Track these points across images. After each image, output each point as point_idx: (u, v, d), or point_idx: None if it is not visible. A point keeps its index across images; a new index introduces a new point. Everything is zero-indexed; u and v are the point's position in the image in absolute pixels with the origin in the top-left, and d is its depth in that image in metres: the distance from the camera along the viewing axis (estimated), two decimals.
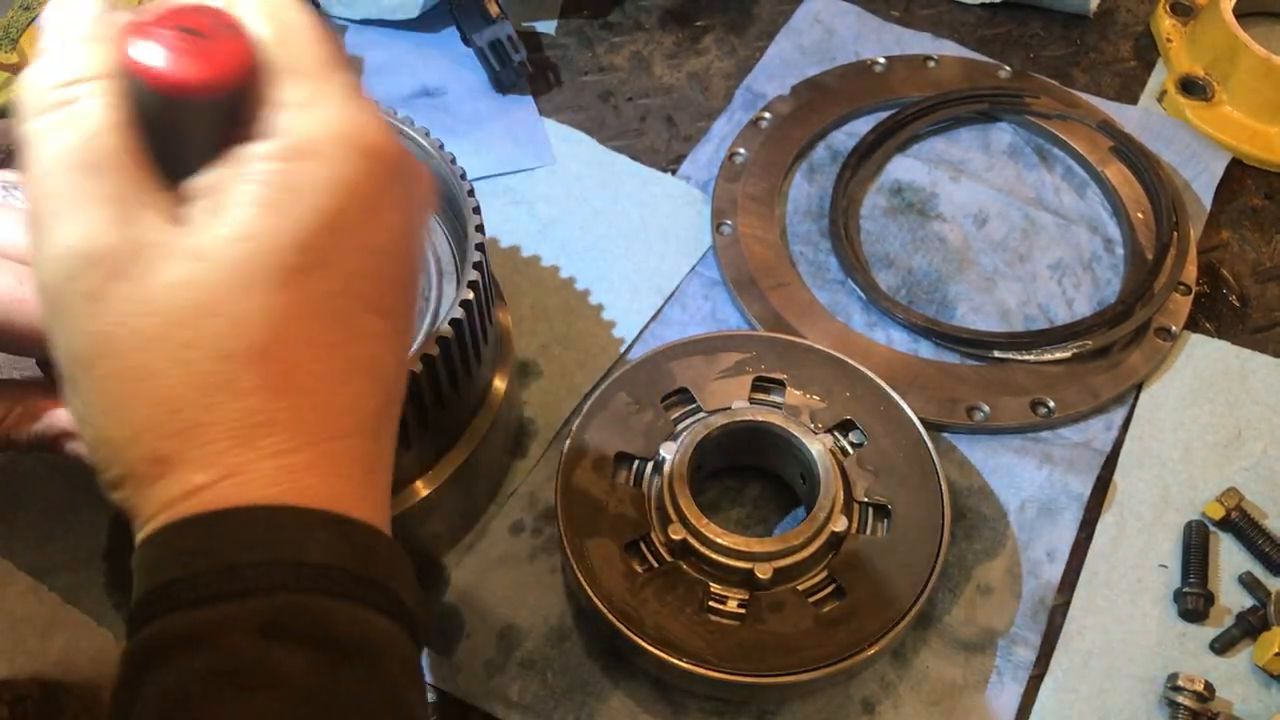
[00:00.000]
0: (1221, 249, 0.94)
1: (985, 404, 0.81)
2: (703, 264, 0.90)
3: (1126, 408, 0.83)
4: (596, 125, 0.99)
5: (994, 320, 0.88)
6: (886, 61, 1.03)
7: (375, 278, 0.42)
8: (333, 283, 0.41)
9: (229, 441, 0.39)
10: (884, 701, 0.70)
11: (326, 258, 0.40)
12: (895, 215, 0.94)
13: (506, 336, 0.75)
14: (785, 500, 0.78)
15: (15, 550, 0.73)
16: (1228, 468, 0.80)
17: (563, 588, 0.73)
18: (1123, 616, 0.74)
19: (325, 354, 0.41)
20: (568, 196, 0.94)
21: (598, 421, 0.74)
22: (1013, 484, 0.79)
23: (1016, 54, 1.07)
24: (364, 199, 0.41)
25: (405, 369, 0.46)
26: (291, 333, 0.40)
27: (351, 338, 0.42)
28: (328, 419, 0.41)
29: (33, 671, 0.69)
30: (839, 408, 0.75)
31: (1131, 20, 1.11)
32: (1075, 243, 0.93)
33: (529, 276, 0.88)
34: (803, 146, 0.97)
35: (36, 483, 0.76)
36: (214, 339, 0.39)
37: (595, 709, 0.69)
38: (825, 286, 0.89)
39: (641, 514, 0.71)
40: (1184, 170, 0.97)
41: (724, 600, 0.68)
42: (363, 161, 0.41)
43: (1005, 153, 0.99)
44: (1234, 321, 0.89)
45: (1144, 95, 1.04)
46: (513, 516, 0.76)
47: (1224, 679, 0.71)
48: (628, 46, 1.06)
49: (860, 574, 0.69)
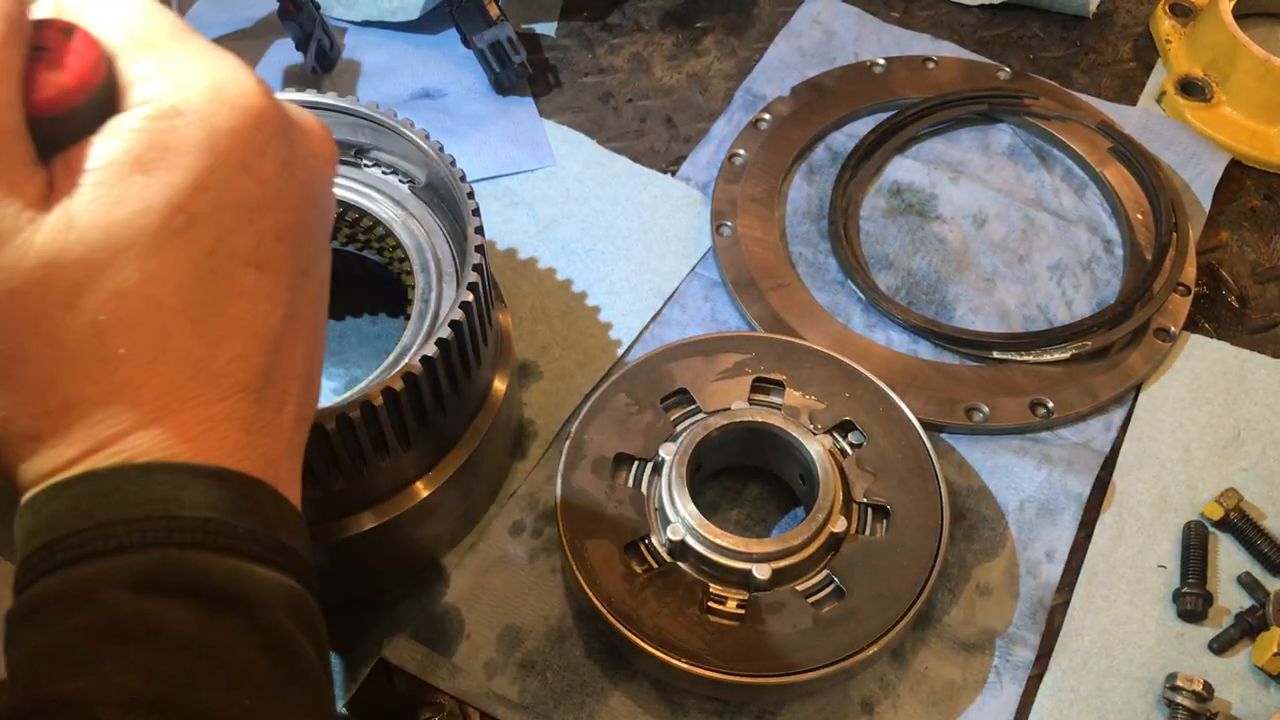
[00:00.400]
0: (1220, 250, 0.94)
1: (984, 405, 0.81)
2: (702, 265, 0.90)
3: (1125, 408, 0.83)
4: (596, 127, 0.99)
5: (993, 321, 0.88)
6: (886, 63, 1.03)
7: (252, 233, 0.41)
8: (206, 241, 0.40)
9: (101, 414, 0.39)
10: (883, 702, 0.70)
11: (198, 216, 0.39)
12: (895, 216, 0.94)
13: (506, 338, 0.75)
14: (784, 501, 0.78)
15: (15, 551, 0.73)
16: (1227, 468, 0.80)
17: (562, 588, 0.74)
18: (1121, 617, 0.74)
19: (200, 316, 0.40)
20: (567, 198, 0.94)
21: (597, 422, 0.74)
22: (1012, 484, 0.79)
23: (1016, 55, 1.07)
24: (233, 153, 0.40)
25: (304, 320, 0.45)
26: (165, 299, 0.39)
27: (227, 296, 0.41)
28: (203, 383, 0.41)
29: None
30: (838, 409, 0.75)
31: (1131, 21, 1.11)
32: (1074, 243, 0.93)
33: (529, 278, 0.88)
34: (802, 148, 0.97)
35: None
36: (87, 315, 0.38)
37: (595, 709, 0.69)
38: (825, 287, 0.89)
39: (641, 515, 0.71)
40: (1183, 171, 0.97)
41: (723, 601, 0.68)
42: (230, 114, 0.40)
43: (1004, 154, 0.99)
44: (1233, 322, 0.89)
45: (1143, 96, 1.04)
46: (512, 517, 0.77)
47: (1222, 679, 0.71)
48: (627, 48, 1.06)
49: (859, 574, 0.69)
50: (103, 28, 0.40)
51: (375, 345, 0.83)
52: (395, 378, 0.59)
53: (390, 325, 0.84)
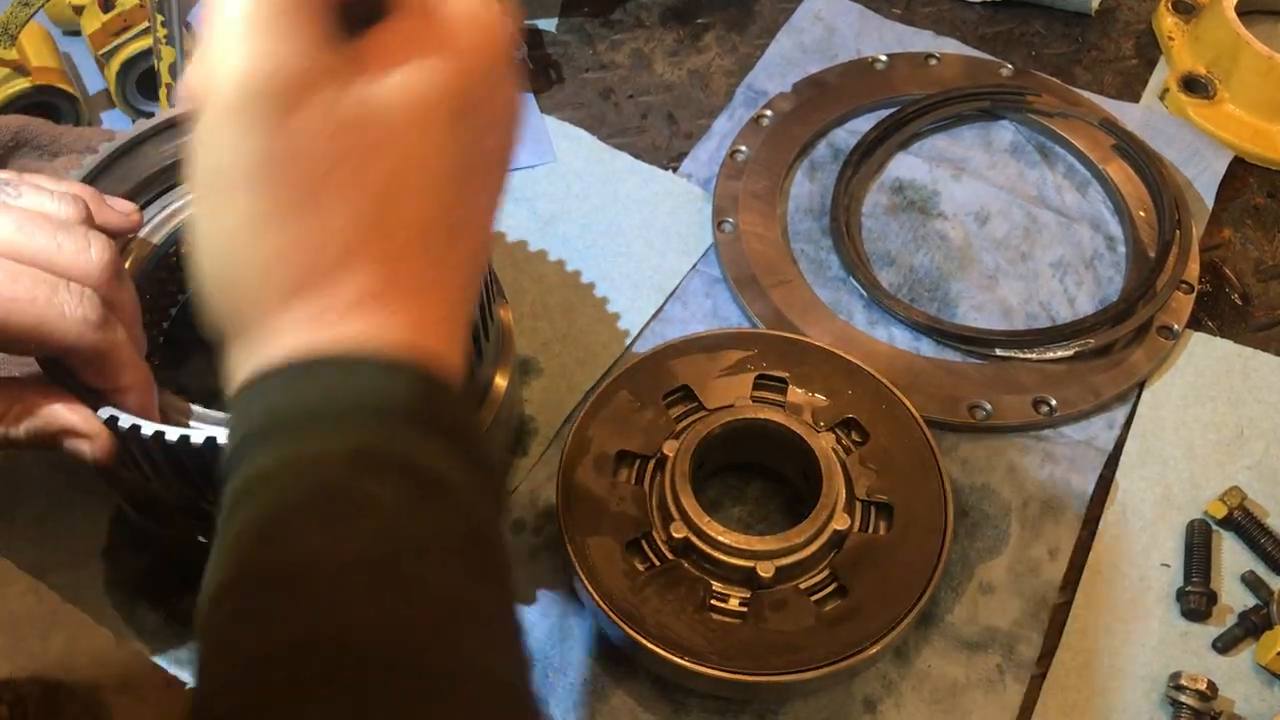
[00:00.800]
0: (1224, 247, 0.94)
1: (987, 402, 0.81)
2: (704, 262, 0.90)
3: (1129, 406, 0.83)
4: (597, 122, 0.99)
5: (996, 318, 0.88)
6: (888, 59, 1.02)
7: (503, 133, 0.45)
8: (473, 133, 0.43)
9: (358, 279, 0.40)
10: (886, 700, 0.70)
11: (474, 107, 0.42)
12: (897, 213, 0.94)
13: (507, 334, 0.75)
14: (787, 498, 0.78)
15: (15, 550, 0.73)
16: (1230, 466, 0.80)
17: (563, 586, 0.73)
18: (1125, 615, 0.74)
19: (452, 205, 0.43)
20: (568, 194, 0.93)
21: (599, 419, 0.74)
22: (1015, 482, 0.79)
23: (1018, 52, 1.07)
24: (500, 64, 0.44)
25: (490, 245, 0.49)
26: (439, 179, 0.42)
27: (475, 189, 0.44)
28: (438, 277, 0.43)
29: (33, 671, 0.68)
30: (841, 406, 0.75)
31: (1133, 18, 1.10)
32: (1077, 241, 0.92)
33: (530, 274, 0.88)
34: (804, 144, 0.97)
35: (36, 482, 0.76)
36: (379, 177, 0.40)
37: (596, 707, 0.69)
38: (827, 284, 0.89)
39: (643, 512, 0.71)
40: (1186, 168, 0.97)
41: (725, 599, 0.68)
42: (501, 25, 0.44)
43: (1007, 151, 0.99)
44: (1236, 320, 0.89)
45: (1146, 93, 1.04)
46: (513, 515, 0.76)
47: (1226, 678, 0.71)
48: (629, 44, 1.06)
49: (862, 572, 0.68)
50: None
51: None
52: None
53: None
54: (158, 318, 0.71)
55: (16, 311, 0.50)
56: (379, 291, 0.41)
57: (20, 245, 0.52)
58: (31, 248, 0.52)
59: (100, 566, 0.72)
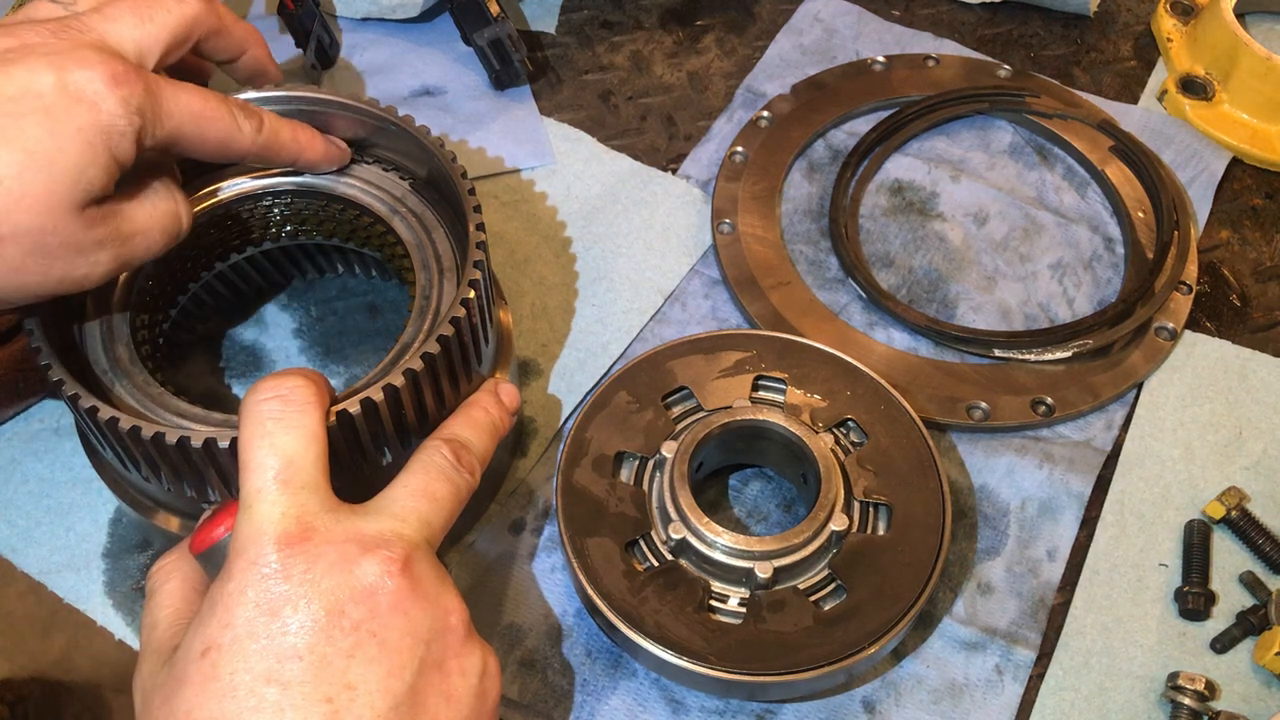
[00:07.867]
0: (1222, 248, 0.94)
1: (985, 403, 0.81)
2: (703, 263, 0.90)
3: (1127, 407, 0.83)
4: (596, 124, 0.99)
5: (994, 319, 0.88)
6: (887, 61, 1.03)
7: None
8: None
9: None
10: (884, 700, 0.70)
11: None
12: (895, 214, 0.94)
13: (507, 335, 0.75)
14: (786, 499, 0.78)
15: (15, 550, 0.73)
16: (1228, 467, 0.80)
17: (563, 586, 0.73)
18: (1123, 615, 0.74)
19: None
20: (568, 196, 0.94)
21: (598, 420, 0.74)
22: (1013, 483, 0.79)
23: (1017, 53, 1.07)
24: None
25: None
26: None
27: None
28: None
29: (33, 671, 0.69)
30: (839, 407, 0.75)
31: (1132, 20, 1.11)
32: (1076, 242, 0.93)
33: (529, 275, 0.88)
34: (803, 146, 0.97)
35: (36, 482, 0.76)
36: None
37: (595, 708, 0.69)
38: (825, 285, 0.89)
39: (642, 513, 0.71)
40: (1184, 170, 0.97)
41: (724, 599, 0.68)
42: None
43: (1006, 152, 0.99)
44: (1234, 321, 0.89)
45: (1144, 95, 1.04)
46: (513, 515, 0.76)
47: (1224, 678, 0.71)
48: (628, 46, 1.06)
49: (861, 573, 0.69)
50: None
51: (376, 342, 0.83)
52: (396, 374, 0.59)
53: (391, 322, 0.84)
54: (158, 318, 0.71)
55: (212, 122, 0.60)
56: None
57: None
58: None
59: (100, 566, 0.73)
